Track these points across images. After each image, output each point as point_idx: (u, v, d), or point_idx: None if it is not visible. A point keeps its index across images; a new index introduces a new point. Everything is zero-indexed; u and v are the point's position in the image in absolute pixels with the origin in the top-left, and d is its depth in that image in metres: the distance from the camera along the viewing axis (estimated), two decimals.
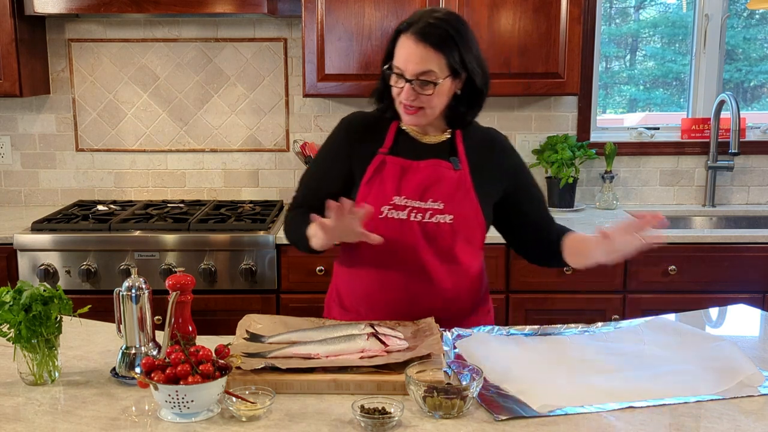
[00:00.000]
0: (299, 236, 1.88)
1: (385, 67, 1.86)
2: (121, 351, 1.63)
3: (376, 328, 1.69)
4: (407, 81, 1.81)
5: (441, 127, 1.95)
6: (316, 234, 1.79)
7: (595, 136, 3.59)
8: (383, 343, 1.65)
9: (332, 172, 1.96)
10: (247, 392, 1.47)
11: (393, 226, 1.87)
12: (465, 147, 1.94)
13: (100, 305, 1.95)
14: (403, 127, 1.95)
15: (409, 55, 1.80)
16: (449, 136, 1.95)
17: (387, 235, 1.83)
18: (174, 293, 1.60)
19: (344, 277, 2.03)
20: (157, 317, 1.81)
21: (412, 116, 1.86)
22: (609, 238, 1.71)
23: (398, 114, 1.91)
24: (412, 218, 1.87)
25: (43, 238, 2.92)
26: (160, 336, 1.64)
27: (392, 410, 1.41)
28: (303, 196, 2.00)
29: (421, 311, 1.88)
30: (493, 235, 3.00)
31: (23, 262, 2.93)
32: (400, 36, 1.83)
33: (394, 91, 1.86)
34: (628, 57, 3.98)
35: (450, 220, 1.87)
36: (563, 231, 1.97)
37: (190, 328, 1.66)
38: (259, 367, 1.55)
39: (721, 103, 3.43)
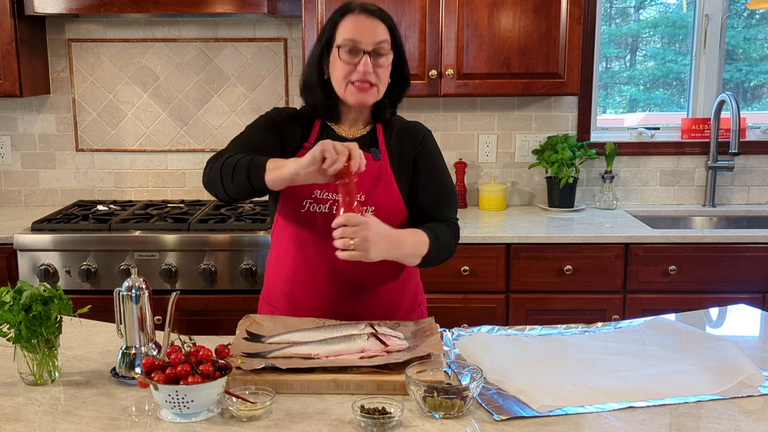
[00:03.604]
0: (248, 166, 1.74)
1: (336, 45, 1.85)
2: (121, 351, 1.64)
3: (376, 328, 1.69)
4: (365, 52, 1.82)
5: (366, 120, 1.97)
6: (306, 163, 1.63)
7: (595, 136, 3.59)
8: (383, 343, 1.65)
9: (266, 140, 1.92)
10: (247, 392, 1.47)
11: (315, 219, 1.87)
12: (385, 138, 1.96)
13: (100, 305, 1.95)
14: (328, 124, 1.96)
15: (365, 27, 1.83)
16: (370, 128, 1.97)
17: (310, 228, 1.85)
18: (174, 293, 1.60)
19: (270, 271, 2.04)
20: (157, 317, 1.81)
21: (364, 93, 1.85)
22: None
23: (326, 111, 1.92)
24: (334, 211, 1.86)
25: (43, 238, 2.92)
26: (160, 336, 1.64)
27: (392, 410, 1.41)
28: (239, 149, 1.88)
29: (344, 305, 1.89)
30: (494, 236, 3.03)
31: (23, 262, 2.93)
32: (346, 16, 1.85)
33: (344, 69, 1.84)
34: (628, 57, 3.98)
35: (371, 211, 1.88)
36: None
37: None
38: (259, 367, 1.55)
39: (721, 103, 3.43)
